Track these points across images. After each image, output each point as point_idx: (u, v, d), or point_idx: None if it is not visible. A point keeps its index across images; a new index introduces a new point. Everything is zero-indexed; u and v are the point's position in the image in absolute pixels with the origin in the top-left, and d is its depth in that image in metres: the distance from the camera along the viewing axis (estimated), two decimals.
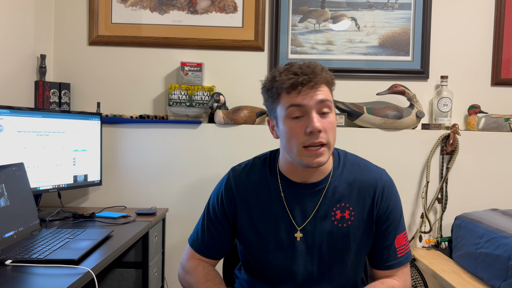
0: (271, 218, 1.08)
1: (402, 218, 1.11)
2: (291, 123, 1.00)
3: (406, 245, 1.10)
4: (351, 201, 1.07)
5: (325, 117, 1.00)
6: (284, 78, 0.99)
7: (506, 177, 2.04)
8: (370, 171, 1.11)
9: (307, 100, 0.98)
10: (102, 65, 2.19)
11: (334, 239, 1.06)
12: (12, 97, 1.87)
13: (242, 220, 1.11)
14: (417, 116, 2.02)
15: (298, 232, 1.06)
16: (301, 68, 1.00)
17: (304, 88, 0.98)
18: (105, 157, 2.03)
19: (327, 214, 1.06)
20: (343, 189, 1.07)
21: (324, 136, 0.99)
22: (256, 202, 1.10)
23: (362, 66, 2.17)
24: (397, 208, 1.10)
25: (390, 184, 1.10)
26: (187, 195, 2.06)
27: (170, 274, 2.06)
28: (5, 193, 1.31)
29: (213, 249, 1.15)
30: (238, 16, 2.17)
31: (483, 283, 1.57)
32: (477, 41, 2.17)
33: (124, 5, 2.17)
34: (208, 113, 2.08)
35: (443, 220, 2.04)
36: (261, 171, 1.12)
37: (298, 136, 0.99)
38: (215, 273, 1.14)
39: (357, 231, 1.07)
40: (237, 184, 1.12)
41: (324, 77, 1.01)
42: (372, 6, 2.17)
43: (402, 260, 1.09)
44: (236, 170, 1.15)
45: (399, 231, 1.09)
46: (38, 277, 1.08)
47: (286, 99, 1.00)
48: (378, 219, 1.08)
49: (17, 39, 1.90)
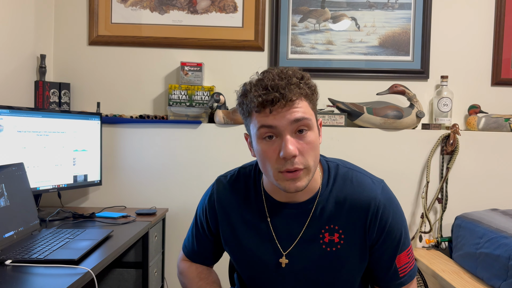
0: (256, 239, 1.00)
1: (404, 236, 0.97)
2: (263, 145, 0.88)
3: (409, 263, 0.98)
4: (340, 222, 0.95)
5: (303, 137, 0.87)
6: (255, 95, 0.86)
7: (506, 177, 2.04)
8: (363, 188, 0.96)
9: (278, 121, 0.85)
10: (102, 65, 2.19)
11: (322, 264, 0.96)
12: (12, 97, 1.87)
13: (226, 236, 1.04)
14: (417, 116, 2.02)
15: (284, 258, 0.97)
16: (273, 80, 0.85)
17: (275, 106, 0.85)
18: (105, 157, 2.03)
19: (315, 237, 0.95)
20: (332, 208, 0.95)
21: (301, 160, 0.86)
22: (241, 220, 1.02)
23: (362, 66, 2.17)
24: (397, 227, 0.96)
25: (386, 201, 0.96)
26: (187, 195, 2.06)
27: (170, 274, 2.06)
28: (5, 193, 1.31)
29: (202, 257, 1.12)
30: (238, 16, 2.17)
31: (483, 283, 1.57)
32: (477, 41, 2.17)
33: (124, 5, 2.17)
34: (208, 113, 2.08)
35: (443, 220, 2.04)
36: (245, 186, 1.03)
37: (271, 160, 0.87)
38: (209, 272, 1.11)
39: (348, 255, 0.96)
40: (220, 199, 1.05)
41: (299, 91, 0.86)
42: (372, 6, 2.17)
43: (405, 280, 0.98)
44: (221, 182, 1.07)
45: (399, 250, 0.96)
46: (38, 277, 1.08)
47: (257, 118, 0.87)
48: (372, 243, 0.96)
49: (17, 39, 1.90)
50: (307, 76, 0.91)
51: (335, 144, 2.00)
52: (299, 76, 0.89)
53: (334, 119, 2.03)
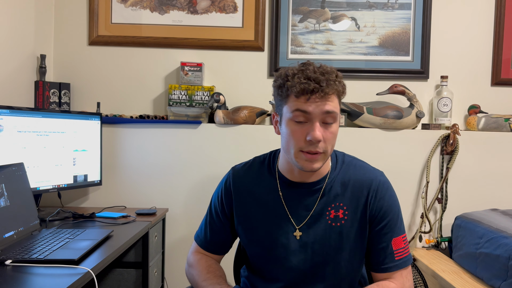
0: (269, 216, 1.10)
1: (400, 221, 1.09)
2: (294, 126, 1.00)
3: (405, 249, 1.08)
4: (345, 200, 1.07)
5: (328, 127, 1.00)
6: (296, 81, 0.98)
7: (506, 177, 2.04)
8: (365, 171, 1.11)
9: (313, 108, 0.97)
10: (102, 65, 2.19)
11: (327, 238, 1.06)
12: (12, 97, 1.87)
13: (239, 218, 1.14)
14: (417, 116, 2.02)
15: (297, 231, 1.07)
16: (315, 73, 0.98)
17: (314, 96, 0.97)
18: (105, 157, 2.03)
19: (322, 213, 1.07)
20: (338, 188, 1.08)
21: (323, 145, 0.99)
22: (253, 201, 1.12)
23: (362, 66, 2.17)
24: (393, 210, 1.08)
25: (385, 184, 1.09)
26: (187, 195, 2.06)
27: (170, 274, 2.07)
28: (5, 193, 1.31)
29: (215, 244, 1.19)
30: (238, 16, 2.17)
31: (483, 283, 1.57)
32: (477, 41, 2.17)
33: (124, 5, 2.17)
34: (208, 113, 2.08)
35: (443, 220, 2.04)
36: (259, 170, 1.15)
37: (298, 140, 0.99)
38: (217, 267, 1.17)
39: (351, 231, 1.06)
40: (235, 182, 1.15)
41: (336, 88, 0.99)
42: (372, 6, 2.17)
43: (400, 264, 1.07)
44: (236, 169, 1.18)
45: (396, 233, 1.07)
46: (38, 277, 1.08)
47: (294, 102, 0.99)
48: (372, 218, 1.07)
49: (17, 39, 1.90)
50: (341, 75, 1.03)
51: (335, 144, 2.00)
52: (336, 75, 1.02)
53: None
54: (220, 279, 1.11)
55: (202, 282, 1.11)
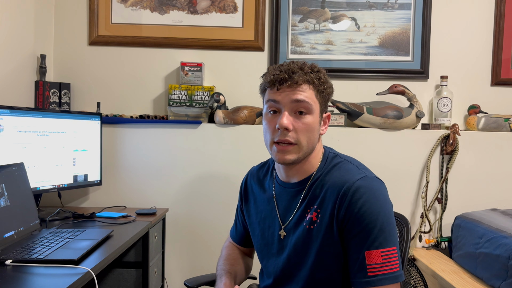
0: (264, 215, 1.15)
1: (379, 233, 0.94)
2: (268, 118, 1.03)
3: (383, 267, 0.93)
4: (319, 203, 1.02)
5: (301, 118, 1.00)
6: (270, 73, 1.02)
7: (506, 177, 2.04)
8: (345, 173, 1.02)
9: (283, 97, 0.99)
10: (102, 65, 2.19)
11: (300, 240, 1.04)
12: (12, 97, 1.87)
13: (245, 214, 1.23)
14: (417, 116, 2.02)
15: (282, 231, 1.09)
16: (289, 65, 1.01)
17: (283, 86, 0.99)
18: (105, 157, 2.03)
19: (303, 215, 1.05)
20: (318, 190, 1.04)
21: (293, 135, 0.99)
22: (254, 199, 1.20)
23: (362, 66, 2.17)
24: (368, 218, 0.95)
25: (362, 189, 0.96)
26: (187, 195, 2.06)
27: (170, 274, 2.07)
28: (5, 193, 1.31)
29: (239, 235, 1.30)
30: (238, 16, 2.17)
31: (483, 283, 1.57)
32: (477, 41, 2.17)
33: (124, 5, 2.17)
34: (208, 113, 2.08)
35: (443, 220, 2.04)
36: (267, 170, 1.21)
37: (272, 131, 1.02)
38: (237, 257, 1.26)
39: (318, 235, 1.01)
40: (248, 181, 1.25)
41: (306, 78, 1.00)
42: (372, 6, 2.17)
43: (373, 281, 0.93)
44: (251, 168, 1.27)
45: (371, 246, 0.94)
46: (38, 277, 1.08)
47: (268, 94, 1.03)
48: (340, 224, 0.98)
49: (17, 39, 1.90)
50: (323, 71, 1.04)
51: (335, 144, 1.97)
52: (313, 68, 1.03)
53: (334, 119, 2.03)
54: (228, 268, 1.18)
55: (217, 266, 1.22)
